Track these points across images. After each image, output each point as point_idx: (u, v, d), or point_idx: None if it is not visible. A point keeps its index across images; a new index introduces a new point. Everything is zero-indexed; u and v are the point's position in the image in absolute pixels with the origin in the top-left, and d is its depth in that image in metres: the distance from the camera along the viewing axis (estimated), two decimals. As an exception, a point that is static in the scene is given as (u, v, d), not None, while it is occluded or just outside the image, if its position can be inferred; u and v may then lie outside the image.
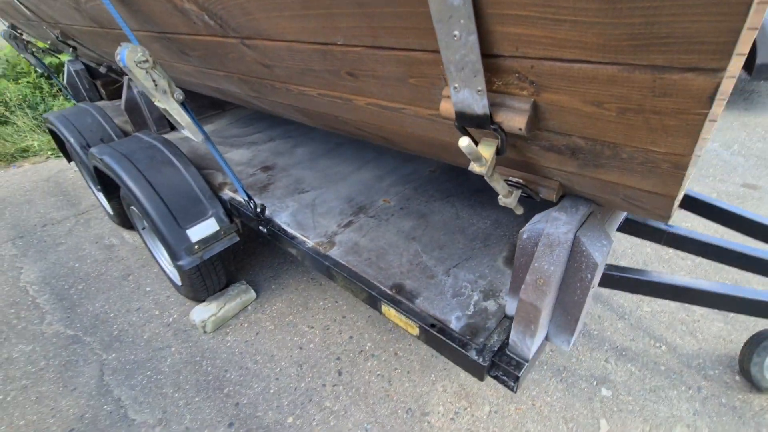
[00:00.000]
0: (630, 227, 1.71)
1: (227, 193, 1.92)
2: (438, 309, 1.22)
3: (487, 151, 0.65)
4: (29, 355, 2.12)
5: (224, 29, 0.89)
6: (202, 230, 1.81)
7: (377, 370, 1.90)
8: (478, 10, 0.46)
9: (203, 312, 2.15)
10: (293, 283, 2.44)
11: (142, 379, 1.95)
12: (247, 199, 1.60)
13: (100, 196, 2.88)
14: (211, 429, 1.72)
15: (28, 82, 5.03)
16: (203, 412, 1.79)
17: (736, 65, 0.39)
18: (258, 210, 1.65)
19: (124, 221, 2.96)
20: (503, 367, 1.05)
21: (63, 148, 3.08)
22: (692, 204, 1.70)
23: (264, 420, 1.73)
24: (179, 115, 1.24)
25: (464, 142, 0.57)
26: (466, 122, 0.60)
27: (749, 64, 3.90)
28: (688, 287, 1.34)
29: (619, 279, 1.41)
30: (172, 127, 2.80)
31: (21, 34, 3.26)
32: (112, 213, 3.00)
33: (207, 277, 2.08)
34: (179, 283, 2.24)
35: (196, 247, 1.80)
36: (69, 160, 3.21)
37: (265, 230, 1.70)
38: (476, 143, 0.66)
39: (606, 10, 0.38)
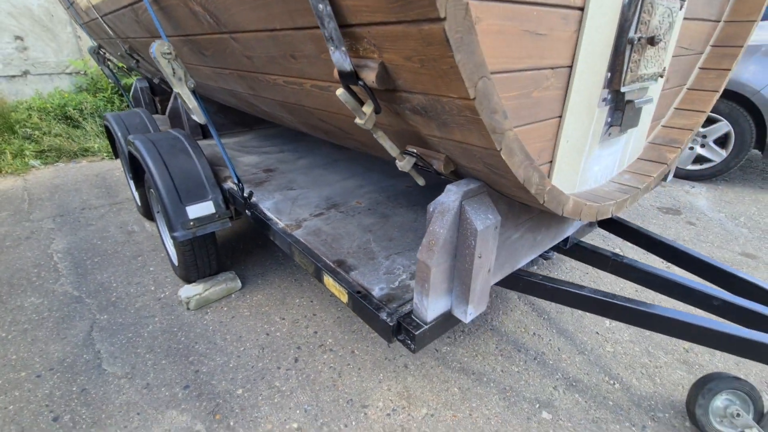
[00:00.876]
0: (579, 253, 1.81)
1: (228, 185, 2.21)
2: (367, 281, 1.38)
3: (368, 109, 0.86)
4: (37, 307, 2.39)
5: (219, 25, 1.21)
6: (199, 210, 2.09)
7: (331, 363, 2.00)
8: (328, -12, 0.70)
9: (190, 290, 2.37)
10: (277, 281, 2.63)
11: (123, 338, 2.15)
12: (236, 182, 1.87)
13: (132, 185, 3.28)
14: (168, 388, 1.86)
15: (103, 96, 5.88)
16: (166, 372, 1.94)
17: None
18: (245, 194, 1.90)
19: (147, 212, 3.33)
20: (406, 327, 1.17)
21: (113, 145, 3.59)
22: (622, 230, 1.80)
23: (217, 388, 1.86)
24: (189, 99, 1.56)
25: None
26: (345, 79, 0.82)
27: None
28: (611, 302, 1.41)
29: (552, 289, 1.51)
30: (205, 136, 3.22)
31: (104, 54, 3.96)
32: (139, 204, 3.39)
33: (199, 258, 2.33)
34: (176, 263, 2.50)
35: (191, 223, 2.06)
36: (116, 156, 3.71)
37: (249, 213, 1.94)
38: (362, 104, 0.89)
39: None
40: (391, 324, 1.19)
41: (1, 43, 5.37)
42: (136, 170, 2.73)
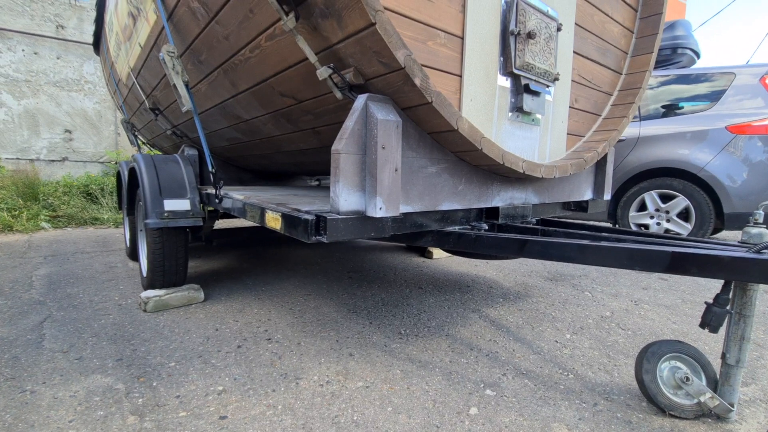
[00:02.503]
0: (512, 230, 1.93)
1: (206, 190, 2.47)
2: (299, 207, 1.53)
3: (291, 18, 1.21)
4: (0, 306, 2.42)
5: (208, 13, 1.67)
6: (176, 205, 2.31)
7: (274, 349, 1.93)
8: None
9: (150, 292, 2.41)
10: (240, 299, 2.64)
11: (71, 327, 2.13)
12: (211, 168, 2.14)
13: (125, 221, 3.54)
14: (100, 359, 1.80)
15: (125, 180, 6.58)
16: (103, 350, 1.89)
17: None
18: (216, 182, 2.16)
19: (134, 253, 3.51)
20: (322, 217, 1.29)
21: (119, 195, 3.98)
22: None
23: (150, 361, 1.79)
24: (181, 88, 1.96)
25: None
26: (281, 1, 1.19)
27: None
28: (525, 239, 1.51)
29: (476, 238, 1.62)
30: (203, 183, 3.61)
31: (134, 127, 4.69)
32: (128, 245, 3.59)
33: (167, 260, 2.44)
34: (145, 273, 2.59)
35: (165, 214, 2.27)
36: (120, 207, 4.07)
37: (218, 200, 2.16)
38: (287, 15, 1.24)
39: None
40: (310, 219, 1.31)
41: (53, 134, 6.34)
42: (132, 195, 3.03)
